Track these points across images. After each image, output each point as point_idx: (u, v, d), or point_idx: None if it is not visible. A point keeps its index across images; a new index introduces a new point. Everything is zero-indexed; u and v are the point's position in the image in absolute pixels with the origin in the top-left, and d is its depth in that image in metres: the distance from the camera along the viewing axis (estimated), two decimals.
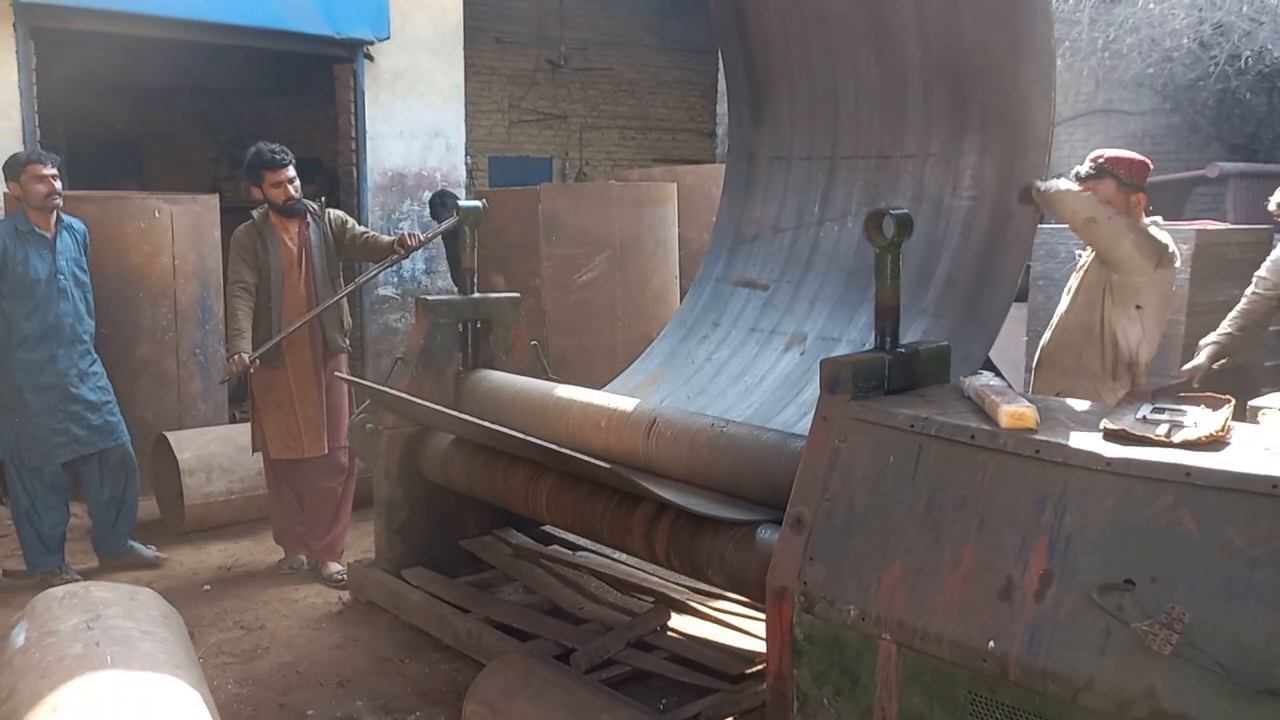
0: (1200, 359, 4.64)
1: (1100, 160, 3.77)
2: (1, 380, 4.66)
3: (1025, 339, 6.21)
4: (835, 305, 4.25)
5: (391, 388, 4.24)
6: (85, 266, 4.87)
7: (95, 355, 4.87)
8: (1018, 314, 6.28)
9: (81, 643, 3.00)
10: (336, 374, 4.71)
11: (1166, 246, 3.70)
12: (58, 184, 4.64)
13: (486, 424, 3.66)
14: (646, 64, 14.33)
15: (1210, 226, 5.87)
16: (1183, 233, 5.46)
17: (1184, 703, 2.04)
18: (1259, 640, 2.00)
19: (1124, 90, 10.64)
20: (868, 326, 3.49)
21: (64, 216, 4.77)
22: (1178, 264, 3.80)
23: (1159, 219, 3.88)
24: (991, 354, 6.52)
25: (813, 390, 3.86)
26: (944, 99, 4.07)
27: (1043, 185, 3.60)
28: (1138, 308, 3.67)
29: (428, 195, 8.06)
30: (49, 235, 4.66)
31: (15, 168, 4.64)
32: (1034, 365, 4.15)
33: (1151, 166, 3.83)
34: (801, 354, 4.22)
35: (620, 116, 14.34)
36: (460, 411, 3.96)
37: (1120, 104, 10.86)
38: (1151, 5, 8.85)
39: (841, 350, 3.79)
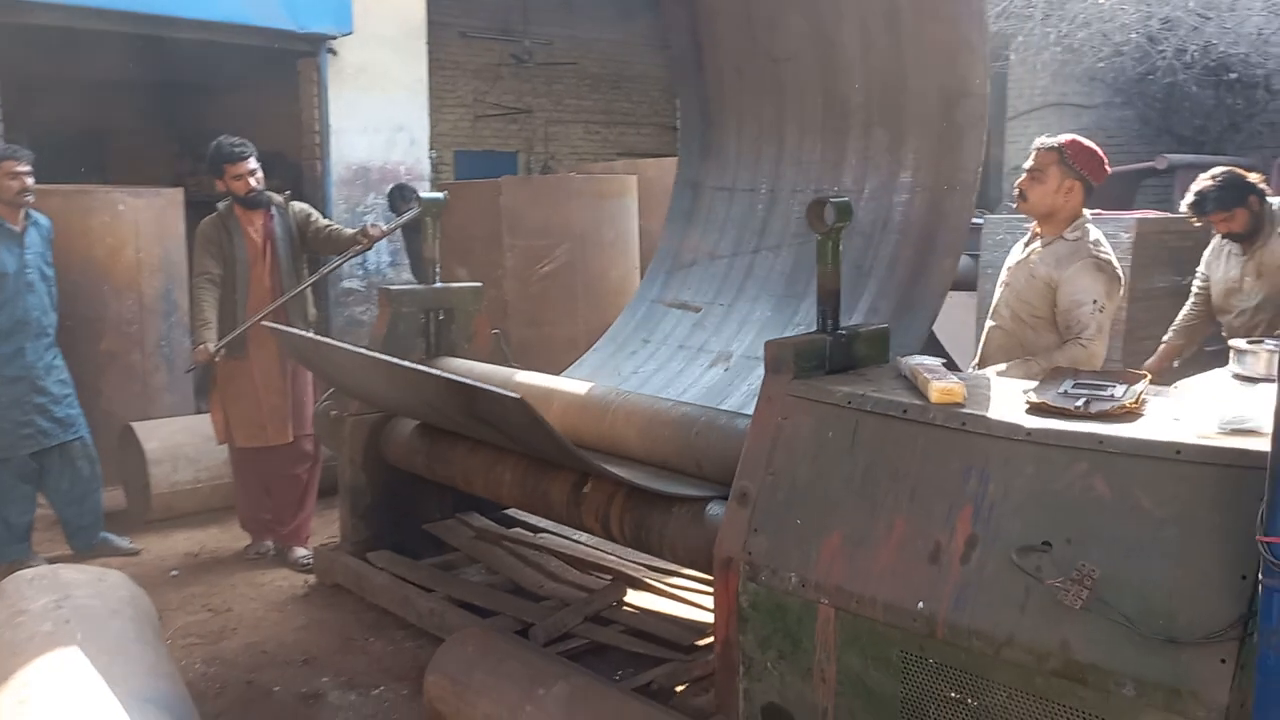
0: (1152, 360, 5.00)
1: (1061, 139, 3.67)
2: None
3: (976, 327, 6.38)
4: (763, 327, 4.41)
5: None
6: (50, 261, 4.92)
7: (57, 349, 4.93)
8: (967, 302, 6.46)
9: (51, 621, 3.09)
10: (264, 323, 4.66)
11: (1117, 277, 3.60)
12: (30, 180, 4.70)
13: (379, 355, 3.78)
14: (611, 59, 14.44)
15: (1150, 215, 6.06)
16: (1123, 222, 5.65)
17: (1094, 653, 2.19)
18: (1163, 594, 2.15)
19: (1077, 84, 10.87)
20: None
21: (31, 212, 4.82)
22: (1122, 283, 3.69)
23: (1098, 212, 3.96)
24: (943, 342, 6.69)
25: (733, 401, 4.06)
26: (882, 138, 4.26)
27: (995, 370, 3.60)
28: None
29: (390, 188, 8.14)
30: (18, 230, 4.72)
31: None
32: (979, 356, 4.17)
33: (1106, 164, 3.70)
34: (725, 370, 4.39)
35: (585, 111, 14.45)
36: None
37: (1074, 97, 11.09)
38: (1101, 0, 9.06)
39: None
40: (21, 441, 4.75)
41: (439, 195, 4.86)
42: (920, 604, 2.49)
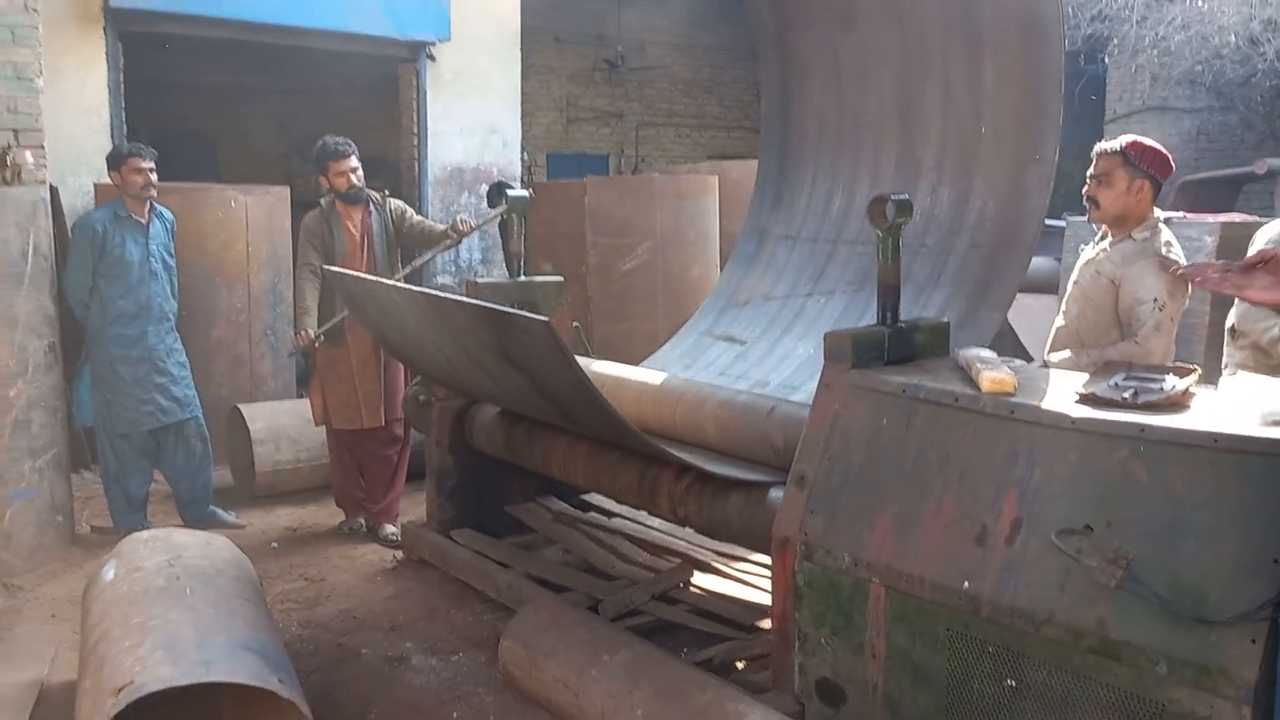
0: None
1: (1123, 142, 3.69)
2: (95, 354, 5.10)
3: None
4: (804, 362, 4.52)
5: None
6: (173, 252, 5.30)
7: (177, 334, 5.30)
8: (1050, 304, 6.45)
9: (164, 577, 3.38)
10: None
11: (1183, 281, 3.54)
12: (153, 176, 5.08)
13: (415, 288, 3.94)
14: (702, 64, 14.61)
15: (1236, 219, 5.98)
16: (1208, 225, 5.60)
17: (1129, 631, 2.29)
18: (1195, 575, 2.24)
19: (1178, 87, 10.64)
20: None
21: (156, 205, 5.20)
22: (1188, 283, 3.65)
23: (1183, 215, 3.94)
24: (1025, 343, 6.68)
25: None
26: (948, 196, 4.36)
27: (1054, 358, 3.67)
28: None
29: (485, 188, 8.44)
30: (143, 221, 5.10)
31: (118, 159, 5.09)
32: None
33: (1173, 163, 3.72)
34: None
35: (676, 114, 14.64)
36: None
37: (1175, 101, 10.85)
38: (1200, 2, 8.88)
39: (799, 397, 4.04)
40: (143, 418, 5.12)
41: (524, 193, 5.08)
42: (966, 583, 2.60)
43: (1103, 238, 3.85)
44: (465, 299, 3.54)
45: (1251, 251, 4.29)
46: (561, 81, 13.54)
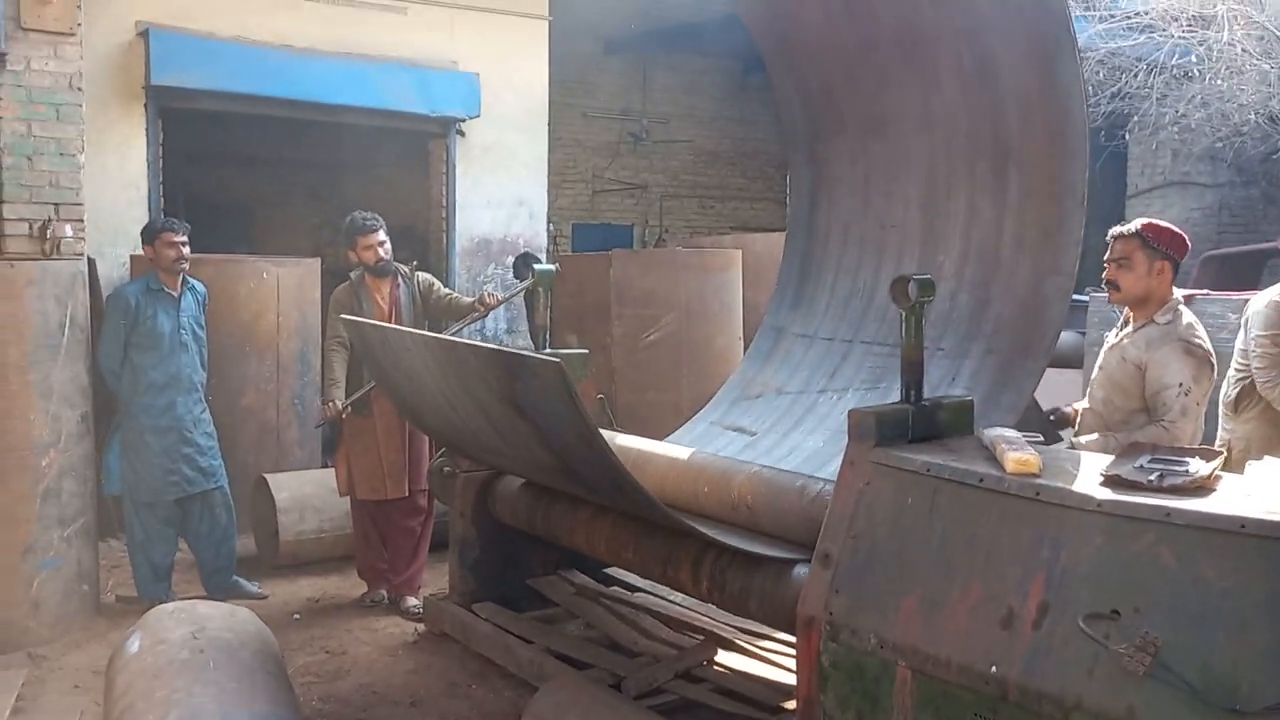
0: None
1: (1139, 224, 3.78)
2: (125, 423, 5.18)
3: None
4: (811, 455, 4.53)
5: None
6: (204, 324, 5.41)
7: (206, 404, 5.37)
8: (1074, 378, 6.44)
9: (188, 649, 3.40)
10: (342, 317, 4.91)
11: (1208, 361, 3.62)
12: (186, 249, 5.21)
13: (425, 332, 3.97)
14: (725, 136, 14.83)
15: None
16: (1232, 302, 5.60)
17: None
18: (1227, 664, 2.21)
19: (1200, 163, 10.71)
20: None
21: (188, 278, 5.32)
22: (1214, 366, 3.70)
23: (1206, 293, 3.97)
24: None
25: None
26: (966, 303, 4.41)
27: (1082, 441, 3.71)
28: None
29: (511, 259, 8.56)
30: (175, 294, 5.21)
31: (151, 233, 5.23)
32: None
33: (1188, 243, 3.78)
34: None
35: (700, 186, 14.83)
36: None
37: (1197, 176, 10.92)
38: (1219, 81, 8.98)
39: None
40: (169, 487, 5.17)
41: (550, 267, 5.16)
42: (993, 667, 2.57)
43: (1125, 323, 3.87)
44: (476, 344, 3.58)
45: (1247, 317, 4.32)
46: (588, 154, 13.77)
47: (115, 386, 5.15)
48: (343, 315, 4.80)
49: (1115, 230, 3.77)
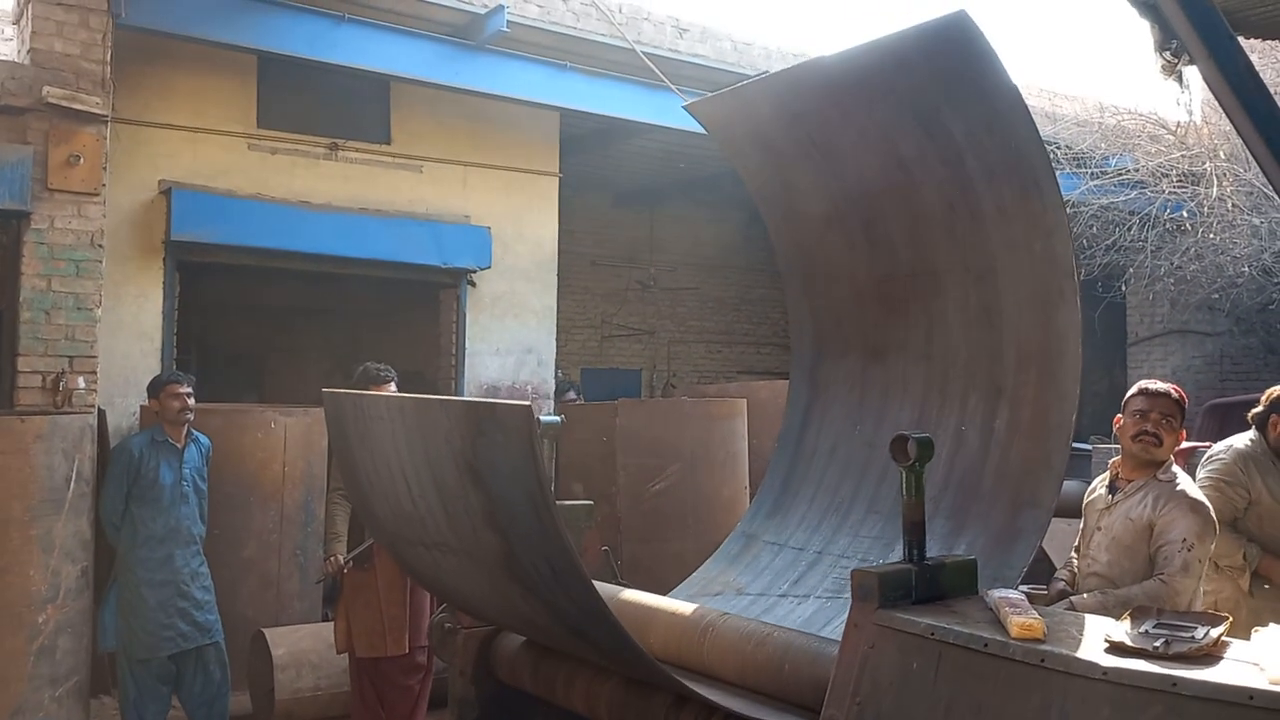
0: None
1: (1172, 389, 3.78)
2: (122, 577, 5.15)
3: None
4: None
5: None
6: (205, 476, 5.43)
7: (204, 558, 5.35)
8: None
9: None
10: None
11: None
12: (191, 401, 5.27)
13: (408, 396, 3.88)
14: (732, 283, 15.13)
15: None
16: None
17: None
18: None
19: (1197, 312, 10.86)
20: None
21: (193, 430, 5.37)
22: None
23: (1196, 446, 4.00)
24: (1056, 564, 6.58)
25: None
26: (941, 528, 4.48)
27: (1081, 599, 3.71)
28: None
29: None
30: (179, 446, 5.25)
31: (156, 386, 5.31)
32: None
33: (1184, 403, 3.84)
34: None
35: (707, 331, 15.04)
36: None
37: (1196, 325, 11.06)
38: (1212, 235, 9.20)
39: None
40: (164, 643, 5.10)
41: (556, 419, 5.19)
42: None
43: (1112, 481, 3.87)
44: (446, 398, 3.53)
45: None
46: (597, 300, 14.03)
47: (115, 539, 5.14)
48: (324, 390, 4.70)
49: (1157, 388, 3.77)
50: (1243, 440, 4.70)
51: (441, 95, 8.20)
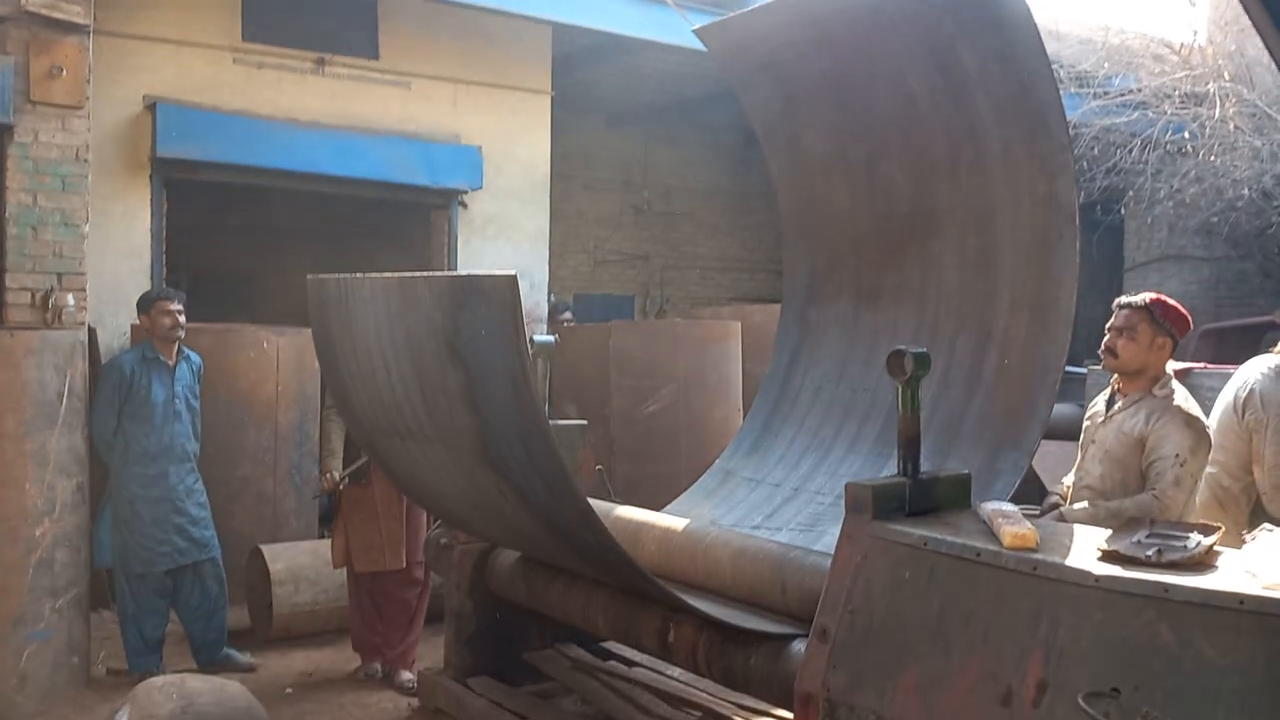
0: None
1: (1148, 298, 3.77)
2: (117, 494, 5.16)
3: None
4: None
5: None
6: (198, 394, 5.41)
7: (199, 474, 5.36)
8: (1073, 451, 6.41)
9: None
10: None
11: (1205, 435, 3.62)
12: (181, 318, 5.23)
13: (392, 275, 3.75)
14: (725, 208, 14.99)
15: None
16: (1230, 375, 5.60)
17: None
18: None
19: (1195, 237, 10.82)
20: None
21: (184, 348, 5.34)
22: (1210, 441, 3.72)
23: (1204, 366, 3.95)
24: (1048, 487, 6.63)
25: None
26: (924, 467, 4.46)
27: (1073, 508, 3.71)
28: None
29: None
30: (170, 364, 5.23)
31: (146, 302, 5.26)
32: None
33: (1191, 324, 3.80)
34: None
35: (700, 257, 14.94)
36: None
37: (1193, 250, 11.01)
38: (1213, 158, 9.11)
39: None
40: (159, 558, 5.13)
41: (550, 338, 5.18)
42: None
43: (1112, 396, 3.87)
44: (432, 273, 3.50)
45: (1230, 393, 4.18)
46: (589, 225, 13.90)
47: (107, 456, 5.14)
48: (309, 276, 4.57)
49: (1124, 300, 3.79)
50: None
51: (430, 9, 7.99)
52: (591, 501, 4.61)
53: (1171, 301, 3.75)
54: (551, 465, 3.24)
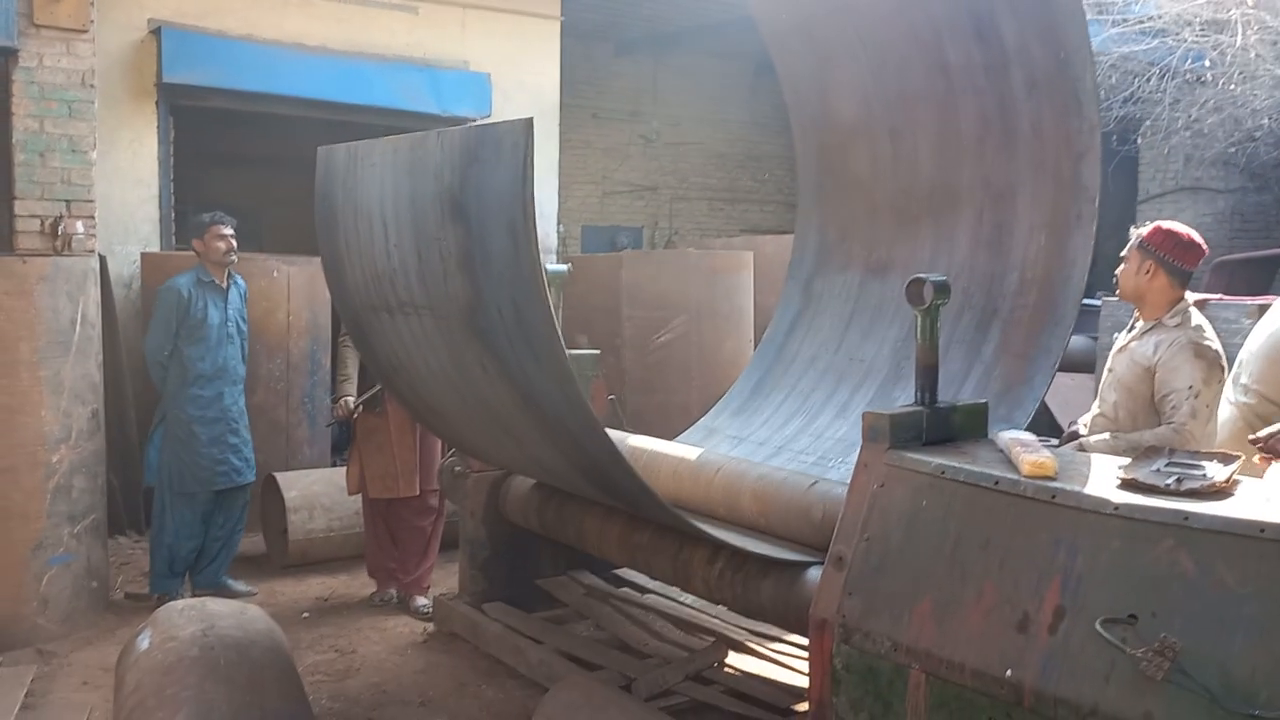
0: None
1: (1147, 226, 3.72)
2: (171, 414, 5.18)
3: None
4: None
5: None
6: (245, 317, 5.43)
7: (244, 396, 5.41)
8: (1086, 383, 6.42)
9: (198, 647, 3.39)
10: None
11: (1218, 364, 3.58)
12: (234, 242, 5.23)
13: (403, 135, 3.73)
14: (736, 138, 14.81)
15: (1272, 300, 5.94)
16: (1245, 306, 5.58)
17: None
18: (1246, 670, 2.18)
19: (1212, 168, 10.67)
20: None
21: (232, 272, 5.34)
22: (1224, 368, 3.67)
23: (1220, 297, 3.92)
24: (1061, 422, 6.65)
25: None
26: None
27: (1091, 439, 3.68)
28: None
29: None
30: (223, 286, 5.24)
31: (201, 227, 5.26)
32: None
33: (1197, 250, 3.67)
34: None
35: (710, 188, 14.82)
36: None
37: (1209, 181, 10.87)
38: (1233, 86, 8.94)
39: None
40: (216, 477, 5.19)
41: (562, 267, 5.15)
42: (1008, 672, 2.55)
43: (1133, 325, 3.86)
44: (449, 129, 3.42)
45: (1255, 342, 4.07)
46: (598, 156, 13.76)
47: (159, 378, 5.17)
48: (320, 147, 4.50)
49: (1132, 230, 3.78)
50: None
51: None
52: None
53: (1171, 228, 3.66)
54: (543, 328, 3.13)
